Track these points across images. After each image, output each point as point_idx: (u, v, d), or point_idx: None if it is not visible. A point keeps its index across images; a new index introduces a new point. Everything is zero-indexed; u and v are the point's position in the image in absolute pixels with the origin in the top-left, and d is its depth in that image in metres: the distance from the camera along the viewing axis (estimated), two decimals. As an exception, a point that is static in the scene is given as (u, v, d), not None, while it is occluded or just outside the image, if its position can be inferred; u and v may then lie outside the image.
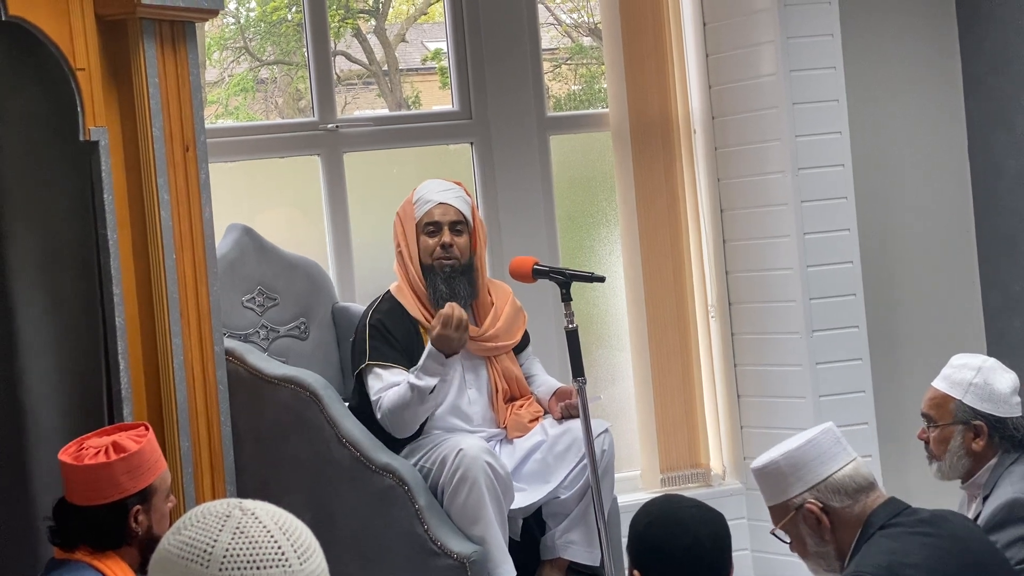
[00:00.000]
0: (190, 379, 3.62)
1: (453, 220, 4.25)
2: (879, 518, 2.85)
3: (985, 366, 3.43)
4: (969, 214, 5.56)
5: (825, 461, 2.90)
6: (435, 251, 4.22)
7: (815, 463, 2.89)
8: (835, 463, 2.90)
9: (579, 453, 4.12)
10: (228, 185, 4.83)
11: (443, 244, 4.22)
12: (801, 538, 2.91)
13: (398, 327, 4.20)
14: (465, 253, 4.24)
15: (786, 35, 5.05)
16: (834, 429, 2.96)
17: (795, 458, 2.90)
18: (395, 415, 4.06)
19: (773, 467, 2.92)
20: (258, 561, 1.65)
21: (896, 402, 5.29)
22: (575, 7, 5.81)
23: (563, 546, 4.20)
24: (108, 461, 2.99)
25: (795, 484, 2.89)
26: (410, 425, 4.10)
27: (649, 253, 5.28)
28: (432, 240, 4.24)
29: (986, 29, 5.45)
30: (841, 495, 2.87)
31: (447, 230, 4.23)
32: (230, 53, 5.45)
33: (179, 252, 3.61)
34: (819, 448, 2.91)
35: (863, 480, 2.89)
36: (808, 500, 2.88)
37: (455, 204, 4.26)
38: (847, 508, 2.87)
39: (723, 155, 5.33)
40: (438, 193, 4.27)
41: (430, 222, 4.25)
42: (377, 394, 4.11)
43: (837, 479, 2.88)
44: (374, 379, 4.14)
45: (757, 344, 5.28)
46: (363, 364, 4.16)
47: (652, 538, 2.52)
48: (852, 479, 2.89)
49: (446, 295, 4.19)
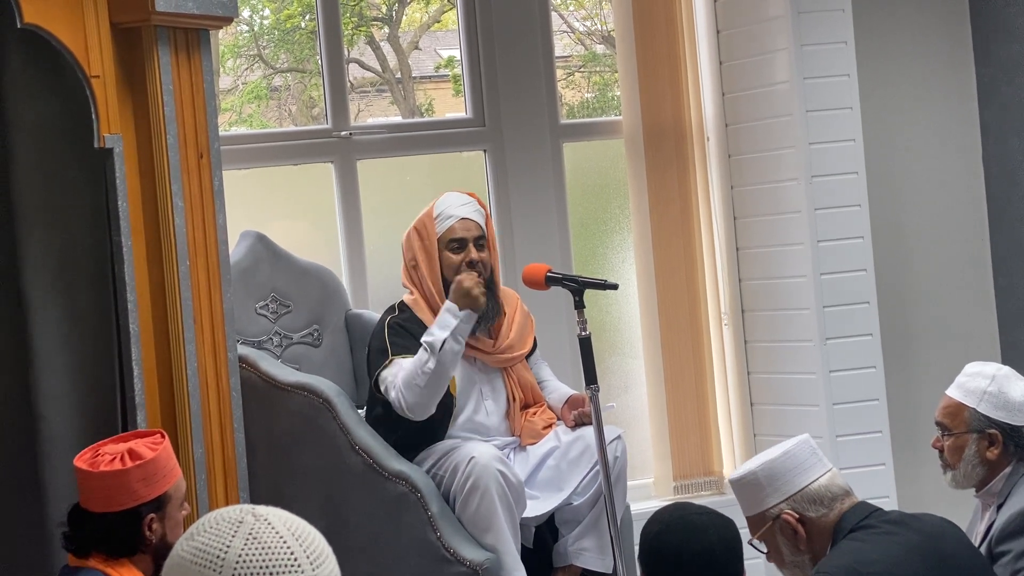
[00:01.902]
0: (203, 386, 3.62)
1: (476, 236, 4.23)
2: (848, 522, 2.90)
3: (999, 374, 3.42)
4: (983, 222, 5.55)
5: (802, 472, 2.95)
6: (461, 268, 4.20)
7: (792, 474, 2.95)
8: (811, 474, 2.95)
9: (592, 460, 4.11)
10: (242, 192, 4.84)
11: (470, 261, 4.19)
12: (778, 548, 2.96)
13: (417, 332, 4.16)
14: (488, 268, 4.23)
15: (800, 42, 5.04)
16: (810, 441, 3.02)
17: (772, 469, 2.96)
18: (409, 385, 3.97)
19: (751, 478, 2.97)
20: (271, 567, 1.65)
21: (910, 410, 5.28)
22: (588, 15, 5.82)
23: (576, 553, 4.20)
24: (123, 468, 2.99)
25: (772, 495, 2.94)
26: (424, 396, 3.98)
27: (662, 260, 5.28)
28: (457, 256, 4.21)
29: (1000, 37, 5.44)
30: (817, 505, 2.93)
31: (473, 247, 4.22)
32: (244, 60, 5.46)
33: (193, 259, 3.61)
34: (796, 459, 2.96)
35: (838, 489, 2.95)
36: (785, 511, 2.94)
37: (474, 218, 4.24)
38: (822, 517, 2.93)
39: (736, 162, 5.33)
40: (459, 208, 4.24)
41: (453, 239, 4.22)
42: (391, 379, 4.03)
43: (813, 489, 2.94)
44: (392, 367, 4.06)
45: (770, 352, 5.27)
46: (387, 360, 4.08)
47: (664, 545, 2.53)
48: (828, 489, 2.94)
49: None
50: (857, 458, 5.03)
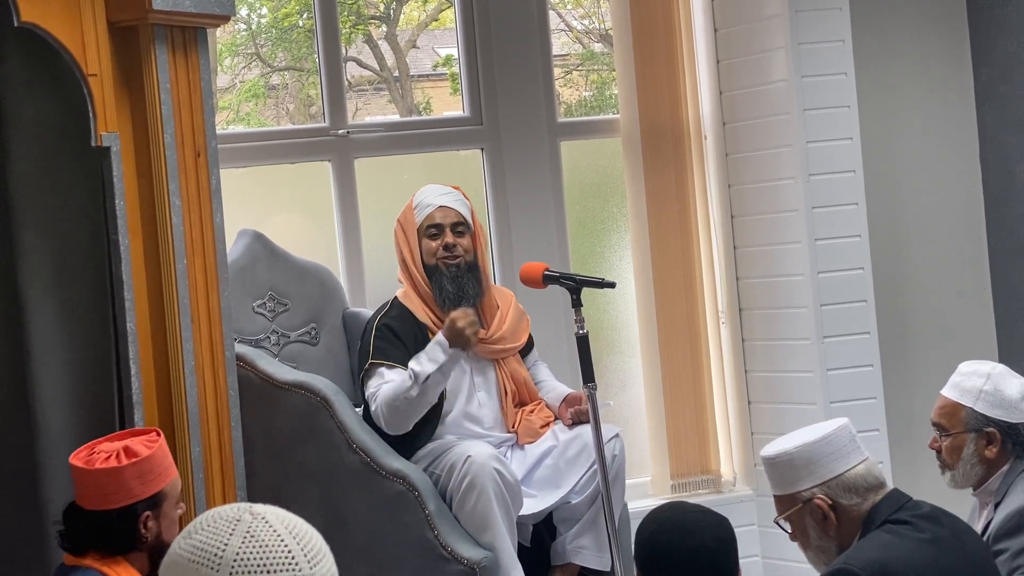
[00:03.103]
0: (201, 384, 3.62)
1: (455, 222, 4.26)
2: (881, 513, 2.85)
3: (995, 373, 3.42)
4: (980, 220, 5.55)
5: (839, 458, 2.89)
6: (438, 251, 4.23)
7: (829, 459, 2.88)
8: (849, 461, 2.89)
9: (590, 458, 4.12)
10: (239, 191, 4.84)
11: (446, 244, 4.23)
12: (805, 530, 2.90)
13: (406, 332, 4.20)
14: (469, 252, 4.26)
15: (797, 41, 5.04)
16: (850, 427, 2.95)
17: (809, 452, 2.89)
18: (390, 406, 4.04)
19: (786, 458, 2.90)
20: (268, 565, 1.65)
21: (907, 408, 5.28)
22: (586, 13, 5.82)
23: (574, 551, 4.20)
24: (119, 465, 2.99)
25: (806, 478, 2.88)
26: (402, 419, 4.06)
27: (660, 259, 5.28)
28: (435, 242, 4.25)
29: (997, 36, 5.44)
30: (851, 493, 2.87)
31: (449, 231, 4.25)
32: (241, 59, 5.46)
33: (190, 257, 3.61)
34: (834, 445, 2.90)
35: (874, 480, 2.89)
36: (818, 495, 2.87)
37: (455, 207, 4.28)
38: (855, 506, 2.87)
39: (734, 161, 5.33)
40: (437, 197, 4.29)
41: (431, 224, 4.26)
42: (375, 388, 4.11)
43: (849, 477, 2.88)
44: (376, 378, 4.14)
45: (768, 350, 5.27)
46: (367, 364, 4.16)
47: (659, 544, 2.53)
48: (864, 478, 2.89)
49: (453, 294, 4.19)
50: (854, 456, 5.03)
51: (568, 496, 4.18)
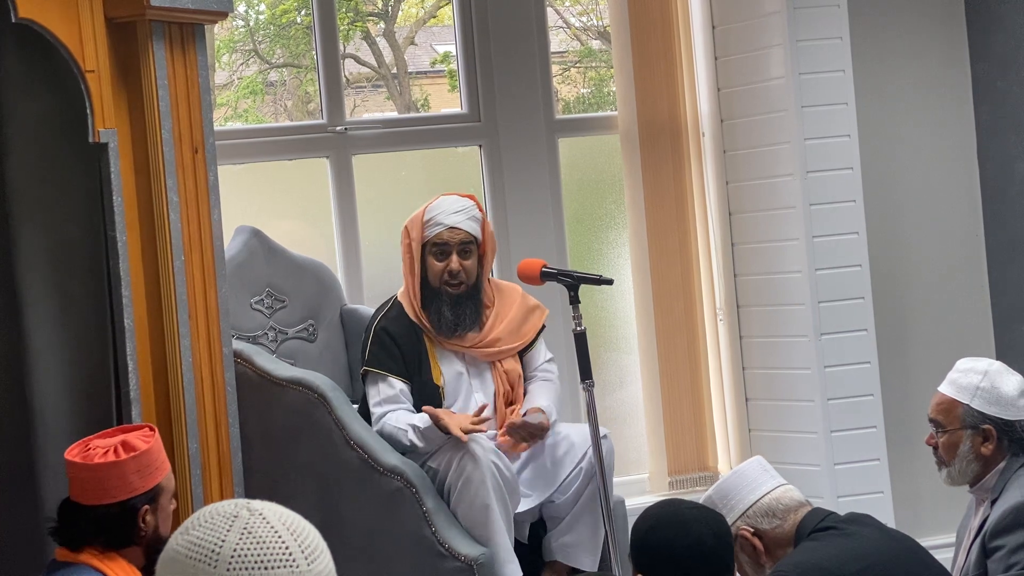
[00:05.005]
0: (198, 381, 3.63)
1: (462, 240, 4.22)
2: (807, 528, 2.97)
3: (991, 369, 3.43)
4: (978, 218, 5.55)
5: (753, 488, 3.03)
6: (443, 276, 4.21)
7: (744, 491, 3.03)
8: (762, 488, 3.04)
9: (576, 459, 4.16)
10: (237, 187, 4.84)
11: (451, 271, 4.20)
12: (741, 565, 3.01)
13: (403, 334, 4.20)
14: (472, 275, 4.23)
15: (795, 38, 5.05)
16: (762, 460, 3.11)
17: (723, 489, 3.05)
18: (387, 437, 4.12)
19: (707, 502, 3.03)
20: (266, 561, 1.65)
21: (905, 406, 5.29)
22: (584, 10, 5.82)
23: (558, 549, 4.22)
24: (119, 460, 3.00)
25: (727, 515, 2.98)
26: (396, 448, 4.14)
27: (657, 256, 5.28)
28: (440, 264, 4.22)
29: (995, 33, 5.44)
30: (771, 517, 3.00)
31: (455, 255, 4.21)
32: (239, 56, 5.46)
33: (188, 254, 3.61)
34: (745, 477, 3.05)
35: (791, 501, 3.02)
36: (741, 527, 3.00)
37: (465, 228, 4.23)
38: (777, 528, 2.99)
39: (732, 158, 5.33)
40: (450, 216, 4.22)
41: (439, 243, 4.23)
42: (376, 407, 4.16)
43: (765, 503, 3.02)
44: (372, 387, 4.18)
45: (765, 347, 5.28)
46: (361, 368, 4.22)
47: (655, 540, 2.54)
48: (779, 501, 3.02)
49: (451, 322, 4.19)
50: (852, 454, 5.04)
51: (553, 496, 4.20)
